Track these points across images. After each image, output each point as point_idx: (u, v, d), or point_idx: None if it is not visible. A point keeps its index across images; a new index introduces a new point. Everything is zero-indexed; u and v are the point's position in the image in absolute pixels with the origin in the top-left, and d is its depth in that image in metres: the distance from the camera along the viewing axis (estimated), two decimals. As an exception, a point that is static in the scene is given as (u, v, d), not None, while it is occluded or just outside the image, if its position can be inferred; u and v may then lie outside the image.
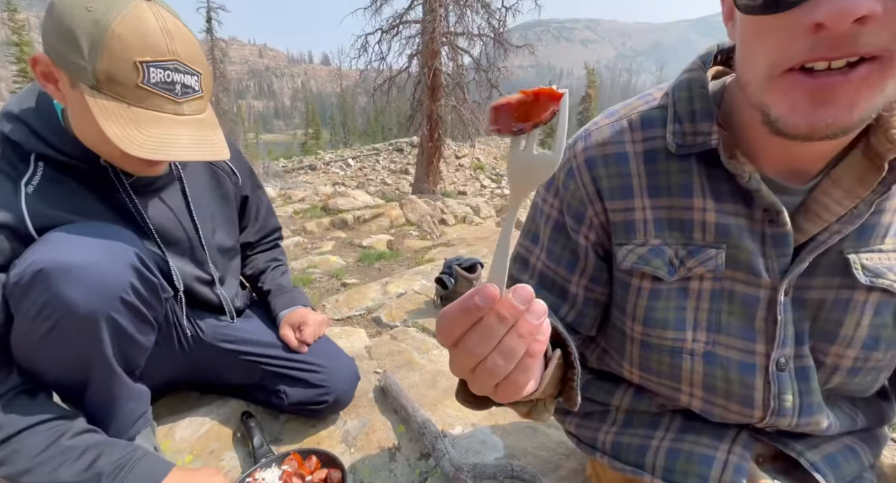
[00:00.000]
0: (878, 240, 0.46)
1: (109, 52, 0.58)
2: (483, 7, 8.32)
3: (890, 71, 0.33)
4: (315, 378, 1.02)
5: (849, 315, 0.48)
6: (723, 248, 0.49)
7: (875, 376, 0.51)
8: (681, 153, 0.49)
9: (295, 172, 17.23)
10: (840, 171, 0.45)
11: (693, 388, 0.56)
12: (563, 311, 0.60)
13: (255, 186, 1.11)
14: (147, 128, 0.63)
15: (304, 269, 3.30)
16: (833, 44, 0.33)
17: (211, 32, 20.82)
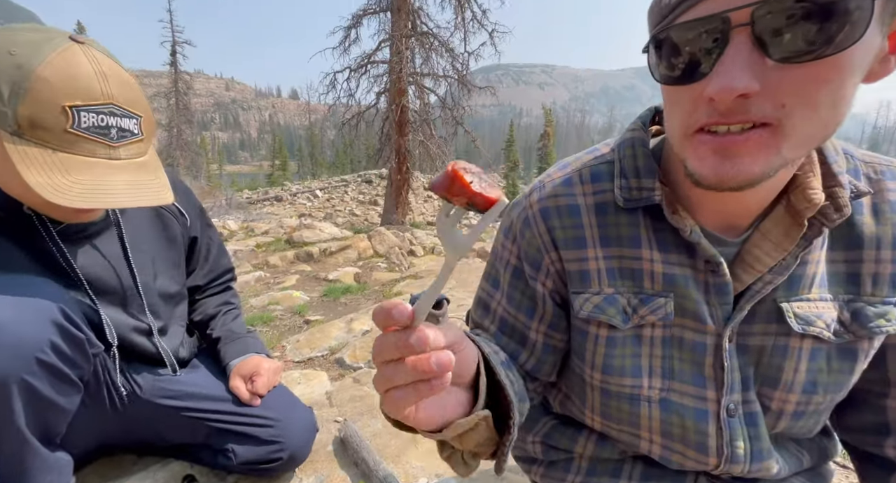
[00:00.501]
0: (806, 289, 0.49)
1: (33, 96, 0.56)
2: (447, 51, 8.80)
3: (780, 136, 0.37)
4: (267, 433, 0.95)
5: (787, 361, 0.50)
6: (671, 297, 0.51)
7: (817, 419, 0.53)
8: (628, 207, 0.52)
9: (260, 204, 16.81)
10: (767, 225, 0.48)
11: (652, 435, 0.56)
12: (523, 357, 0.60)
13: (206, 225, 1.06)
14: (76, 174, 0.59)
15: (264, 305, 3.15)
16: (726, 113, 0.37)
17: (175, 65, 20.65)
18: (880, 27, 0.34)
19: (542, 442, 0.68)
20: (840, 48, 0.33)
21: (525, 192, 0.59)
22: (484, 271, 0.65)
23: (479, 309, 0.64)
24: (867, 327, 0.47)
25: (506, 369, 0.49)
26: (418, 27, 8.85)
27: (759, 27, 0.34)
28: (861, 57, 0.35)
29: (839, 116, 0.37)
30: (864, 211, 0.48)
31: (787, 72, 0.34)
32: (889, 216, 0.47)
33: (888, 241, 0.47)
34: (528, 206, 0.57)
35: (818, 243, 0.48)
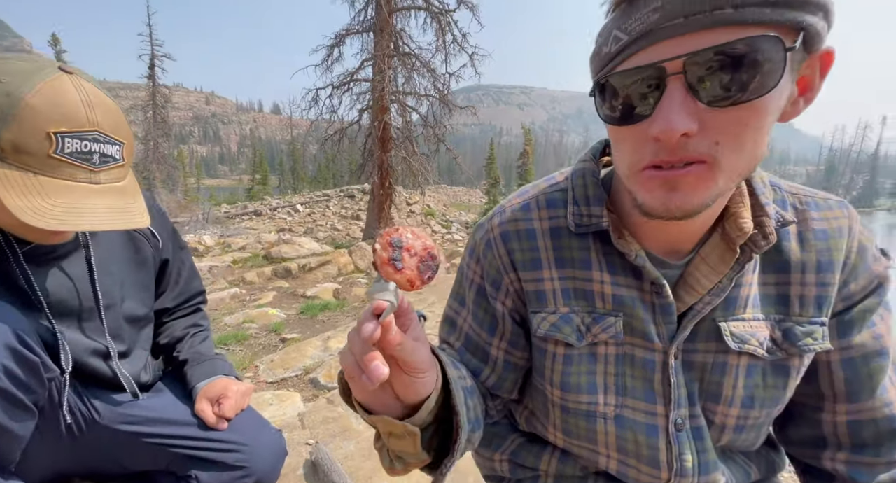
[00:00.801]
0: (741, 310, 0.52)
1: (19, 123, 0.58)
2: (429, 72, 9.00)
3: (716, 170, 0.41)
4: (233, 458, 0.92)
5: (727, 377, 0.53)
6: (620, 317, 0.54)
7: (757, 432, 0.57)
8: (579, 231, 0.55)
9: (238, 218, 16.47)
10: (706, 250, 0.52)
11: (609, 451, 0.58)
12: (485, 374, 0.62)
13: (178, 248, 1.05)
14: (55, 197, 0.61)
15: (239, 324, 3.06)
16: (670, 151, 0.41)
17: (153, 78, 20.38)
18: (791, 75, 0.39)
19: (509, 460, 0.69)
20: (758, 95, 0.38)
21: (488, 216, 0.62)
22: (451, 290, 0.67)
23: (446, 325, 0.66)
24: (797, 345, 0.51)
25: (467, 395, 0.51)
26: (400, 48, 9.04)
27: (691, 76, 0.38)
28: (777, 101, 0.40)
29: (761, 151, 0.42)
30: (791, 238, 0.53)
31: (717, 114, 0.39)
32: (813, 243, 0.52)
33: (812, 265, 0.52)
34: (490, 230, 0.60)
35: (750, 267, 0.52)
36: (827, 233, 0.52)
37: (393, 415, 0.43)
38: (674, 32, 0.37)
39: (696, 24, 0.36)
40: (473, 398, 0.55)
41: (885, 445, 0.53)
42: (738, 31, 0.36)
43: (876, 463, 0.53)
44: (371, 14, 8.91)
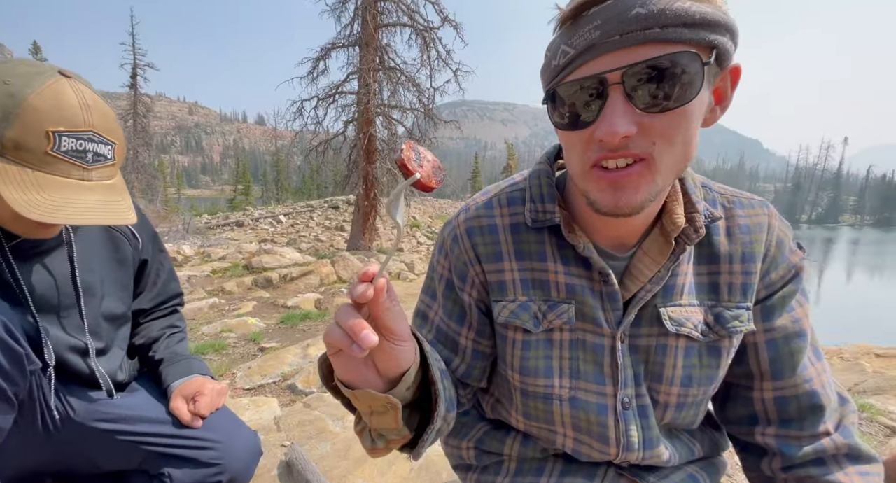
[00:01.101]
0: (678, 296, 0.58)
1: (22, 121, 0.61)
2: (414, 86, 9.16)
3: (655, 168, 0.48)
4: (207, 456, 0.92)
5: (668, 358, 0.59)
6: (573, 304, 0.60)
7: (696, 410, 0.62)
8: (535, 226, 0.61)
9: (219, 229, 16.17)
10: (647, 243, 0.58)
11: (565, 430, 0.63)
12: (455, 363, 0.66)
13: (157, 250, 1.07)
14: (50, 192, 0.64)
15: (217, 333, 3.02)
16: (613, 149, 0.47)
17: (135, 88, 20.11)
18: (708, 86, 0.46)
19: (475, 447, 0.73)
20: (683, 102, 0.44)
21: (455, 214, 0.68)
22: (423, 285, 0.72)
23: (418, 319, 0.71)
24: (726, 328, 0.58)
25: (442, 375, 0.55)
26: (386, 62, 9.20)
27: (628, 85, 0.44)
28: (699, 108, 0.46)
29: (690, 151, 0.49)
30: (720, 233, 0.59)
31: (652, 118, 0.45)
32: (739, 237, 0.59)
33: (738, 256, 0.58)
34: (456, 226, 0.65)
35: (685, 258, 0.58)
36: (750, 228, 0.59)
37: (366, 387, 0.45)
38: (612, 47, 0.43)
39: (630, 40, 0.42)
40: (447, 380, 0.59)
41: (808, 419, 0.59)
42: (665, 47, 0.42)
43: (801, 436, 0.59)
44: (357, 29, 9.07)
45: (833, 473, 0.57)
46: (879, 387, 2.16)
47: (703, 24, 0.42)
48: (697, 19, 0.41)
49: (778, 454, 0.60)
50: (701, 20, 0.41)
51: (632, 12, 0.42)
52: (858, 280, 27.15)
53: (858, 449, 0.58)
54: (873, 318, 15.20)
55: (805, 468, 0.58)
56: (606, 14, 0.43)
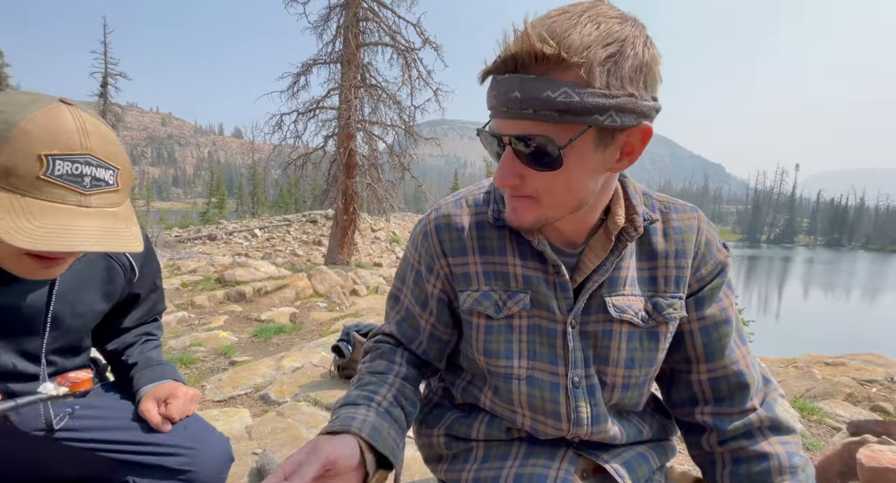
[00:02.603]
0: (622, 287, 0.66)
1: (11, 146, 0.58)
2: (395, 103, 9.35)
3: (539, 205, 0.57)
4: (177, 462, 0.90)
5: (613, 342, 0.66)
6: (528, 293, 0.66)
7: (640, 391, 0.69)
8: (497, 224, 0.68)
9: (190, 242, 15.65)
10: (593, 241, 0.66)
11: (523, 409, 0.68)
12: (416, 342, 0.75)
13: (153, 287, 1.05)
14: (41, 218, 0.60)
15: (185, 347, 2.92)
16: (510, 191, 0.58)
17: (105, 96, 19.57)
18: (596, 147, 0.53)
19: (445, 434, 0.77)
20: (550, 169, 0.53)
21: (427, 212, 0.75)
22: (396, 273, 0.79)
23: (391, 300, 0.79)
24: (662, 315, 0.66)
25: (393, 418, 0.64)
26: (367, 80, 9.37)
27: (514, 147, 0.53)
28: (578, 168, 0.52)
29: (580, 195, 0.57)
30: (658, 233, 0.68)
31: (533, 172, 0.54)
32: (673, 236, 0.68)
33: (672, 253, 0.67)
34: (427, 223, 0.73)
35: (627, 253, 0.66)
36: (682, 229, 0.68)
37: None
38: (503, 115, 0.52)
39: (512, 114, 0.51)
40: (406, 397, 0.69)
41: (737, 396, 0.67)
42: (536, 126, 0.51)
43: (732, 412, 0.67)
44: (339, 46, 9.23)
45: (759, 443, 0.64)
46: (827, 392, 2.31)
47: (569, 111, 0.48)
48: (562, 108, 0.48)
49: (714, 430, 0.68)
50: (566, 109, 0.48)
51: (512, 94, 0.49)
52: (814, 296, 28.76)
53: (779, 421, 0.66)
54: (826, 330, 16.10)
55: (737, 440, 0.66)
56: (499, 87, 0.50)
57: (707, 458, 0.70)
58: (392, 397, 0.67)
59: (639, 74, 0.49)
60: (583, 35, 0.47)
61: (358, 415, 0.60)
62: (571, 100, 0.48)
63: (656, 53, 0.51)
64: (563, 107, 0.48)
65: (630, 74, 0.49)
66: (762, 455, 0.63)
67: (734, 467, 0.66)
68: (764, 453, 0.63)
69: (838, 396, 2.25)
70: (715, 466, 0.68)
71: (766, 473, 0.62)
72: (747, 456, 0.65)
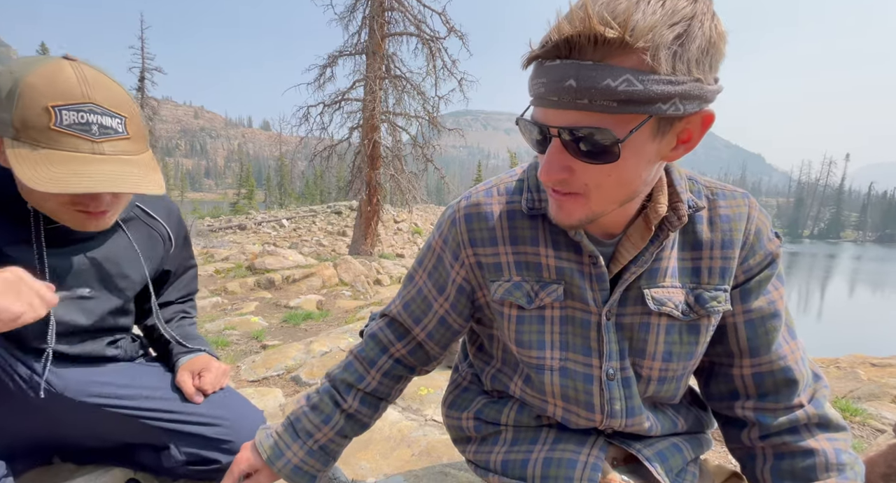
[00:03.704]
0: (661, 279, 0.63)
1: (22, 100, 0.63)
2: (419, 94, 9.32)
3: (588, 200, 0.53)
4: (213, 432, 0.93)
5: (650, 335, 0.64)
6: (562, 284, 0.65)
7: (677, 384, 0.67)
8: (531, 214, 0.66)
9: (222, 232, 16.26)
10: (631, 231, 0.63)
11: (555, 399, 0.68)
12: (424, 322, 0.75)
13: (188, 255, 1.12)
14: (59, 166, 0.65)
15: (220, 330, 3.05)
16: (555, 186, 0.54)
17: (142, 91, 20.38)
18: (653, 137, 0.49)
19: (474, 418, 0.78)
20: (605, 162, 0.49)
21: (457, 200, 0.74)
22: (417, 256, 0.79)
23: (406, 280, 0.80)
24: (705, 307, 0.63)
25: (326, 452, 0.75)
26: (392, 70, 9.37)
27: (562, 139, 0.49)
28: (633, 159, 0.49)
29: (631, 188, 0.53)
30: (703, 221, 0.64)
31: (584, 166, 0.50)
32: (719, 225, 0.64)
33: (718, 243, 0.63)
34: (456, 210, 0.71)
35: (668, 244, 0.63)
36: (730, 217, 0.64)
37: None
38: (551, 105, 0.47)
39: (563, 104, 0.47)
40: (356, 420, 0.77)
41: (783, 392, 0.64)
42: (590, 117, 0.46)
43: (777, 407, 0.64)
44: (364, 37, 9.25)
45: (805, 440, 0.62)
46: (873, 393, 2.18)
47: (630, 101, 0.44)
48: (623, 98, 0.44)
49: (756, 424, 0.65)
50: (627, 99, 0.44)
51: (566, 83, 0.45)
52: (861, 295, 27.04)
53: (828, 418, 0.63)
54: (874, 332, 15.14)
55: (780, 436, 0.63)
56: (549, 75, 0.46)
57: (747, 452, 0.68)
58: (334, 433, 0.75)
59: (705, 56, 0.45)
60: (647, 14, 0.42)
61: (288, 452, 0.73)
62: (634, 88, 0.43)
63: (723, 29, 0.46)
64: (623, 96, 0.44)
65: (697, 56, 0.44)
66: (807, 451, 0.61)
67: (776, 462, 0.63)
68: (810, 449, 0.61)
69: (885, 398, 2.13)
70: (755, 461, 0.66)
71: (810, 469, 0.60)
72: (791, 451, 0.62)
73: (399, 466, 1.09)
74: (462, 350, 0.91)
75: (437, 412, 1.41)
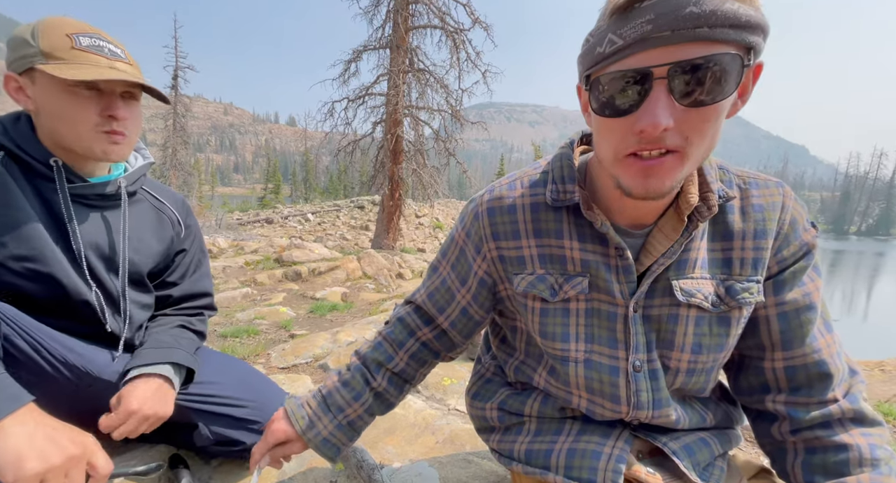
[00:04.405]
0: (690, 270, 0.62)
1: (44, 33, 0.79)
2: (442, 87, 9.29)
3: (685, 159, 0.51)
4: (241, 413, 0.98)
5: (679, 326, 0.63)
6: (587, 276, 0.65)
7: (706, 376, 0.66)
8: (555, 205, 0.66)
9: (250, 225, 16.80)
10: (663, 222, 0.63)
11: (580, 391, 0.68)
12: (448, 311, 0.78)
13: (199, 246, 1.12)
14: (87, 69, 0.80)
15: (250, 320, 3.18)
16: (650, 142, 0.50)
17: (176, 88, 21.15)
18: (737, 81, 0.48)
19: (498, 408, 0.79)
20: (720, 98, 0.47)
21: (480, 193, 0.74)
22: (441, 247, 0.81)
23: (430, 270, 0.82)
24: (736, 299, 0.61)
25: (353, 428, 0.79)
26: (415, 64, 9.37)
27: (672, 81, 0.47)
28: (729, 102, 0.49)
29: (715, 143, 0.52)
30: (734, 211, 0.63)
31: (689, 113, 0.48)
32: (752, 215, 0.62)
33: (751, 233, 0.62)
34: (479, 204, 0.72)
35: (698, 235, 0.62)
36: (763, 207, 0.62)
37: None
38: (662, 42, 0.45)
39: (680, 37, 0.45)
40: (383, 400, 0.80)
41: (816, 386, 0.62)
42: (710, 47, 0.45)
43: (809, 402, 0.63)
44: (388, 31, 9.27)
45: (838, 435, 0.60)
46: (920, 398, 2.06)
47: (747, 27, 0.44)
48: (743, 22, 0.44)
49: (787, 418, 0.64)
50: (745, 23, 0.44)
51: (685, 10, 0.44)
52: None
53: (863, 413, 0.61)
54: (925, 336, 14.15)
55: (812, 430, 0.62)
56: (660, 9, 0.45)
57: (777, 446, 0.66)
58: (363, 410, 0.78)
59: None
60: None
61: (319, 424, 0.77)
62: (750, 14, 0.43)
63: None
64: (744, 20, 0.43)
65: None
66: (840, 446, 0.59)
67: (807, 457, 0.62)
68: (843, 444, 0.59)
69: (933, 405, 2.01)
70: (786, 455, 0.65)
71: (843, 464, 0.58)
72: (823, 446, 0.61)
73: (423, 452, 1.12)
74: (484, 342, 0.93)
75: (459, 402, 1.44)
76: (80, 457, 0.61)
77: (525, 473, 0.72)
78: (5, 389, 0.60)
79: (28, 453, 0.56)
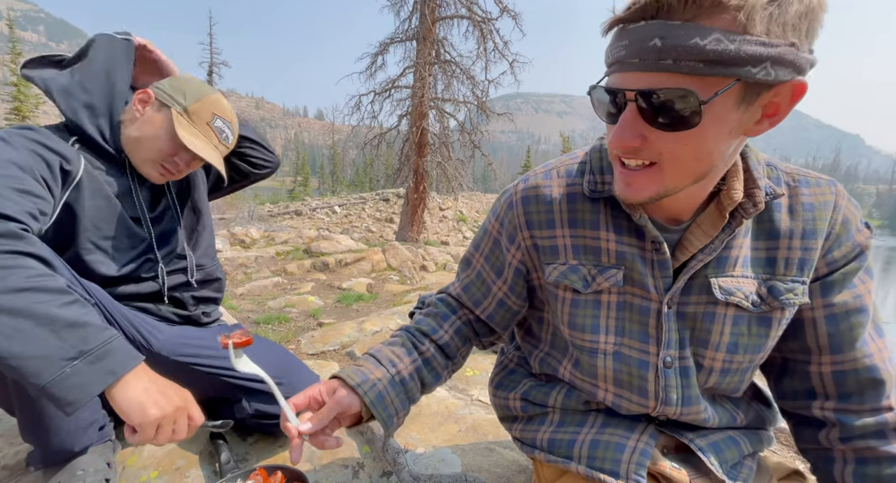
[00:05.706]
0: (731, 268, 0.60)
1: (202, 103, 1.04)
2: (468, 79, 9.20)
3: (663, 173, 0.51)
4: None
5: (715, 325, 0.61)
6: (622, 269, 0.64)
7: (741, 377, 0.64)
8: (592, 197, 0.65)
9: (280, 217, 17.33)
10: (702, 218, 0.61)
11: (607, 384, 0.68)
12: (485, 304, 0.77)
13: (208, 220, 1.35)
14: (199, 141, 1.04)
15: (281, 308, 3.32)
16: (626, 153, 0.52)
17: (210, 84, 21.89)
18: (738, 106, 0.46)
19: (521, 398, 0.80)
20: (684, 128, 0.47)
21: (515, 183, 0.74)
22: (473, 239, 0.81)
23: (462, 264, 0.82)
24: (779, 299, 0.59)
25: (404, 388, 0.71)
26: (442, 55, 9.31)
27: (640, 104, 0.48)
28: (714, 128, 0.47)
29: (707, 162, 0.51)
30: (782, 209, 0.60)
31: (659, 133, 0.48)
32: (801, 214, 0.60)
33: (798, 233, 0.59)
34: (513, 194, 0.72)
35: (741, 232, 0.60)
36: (814, 205, 0.59)
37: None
38: (632, 68, 0.47)
39: (645, 66, 0.45)
40: (431, 368, 0.74)
41: (868, 393, 0.60)
42: (675, 79, 0.45)
43: (861, 409, 0.60)
44: (415, 23, 9.24)
45: (893, 445, 0.57)
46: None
47: (719, 62, 0.42)
48: (711, 57, 0.42)
49: (836, 425, 0.62)
50: (716, 58, 0.42)
51: (650, 42, 0.44)
52: (976, 299, 23.20)
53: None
54: None
55: (864, 439, 0.60)
56: (633, 36, 0.46)
57: (823, 454, 0.64)
58: (414, 369, 0.71)
59: (803, 21, 0.43)
60: None
61: (372, 376, 0.68)
62: (724, 48, 0.42)
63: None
64: (711, 56, 0.42)
65: (794, 21, 0.42)
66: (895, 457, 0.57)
67: (858, 467, 0.60)
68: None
69: None
70: (833, 464, 0.62)
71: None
72: (876, 457, 0.58)
73: (447, 440, 1.15)
74: (508, 333, 0.94)
75: (482, 393, 1.46)
76: (184, 408, 0.73)
77: (547, 462, 0.73)
78: (125, 350, 0.69)
79: (148, 402, 0.67)
